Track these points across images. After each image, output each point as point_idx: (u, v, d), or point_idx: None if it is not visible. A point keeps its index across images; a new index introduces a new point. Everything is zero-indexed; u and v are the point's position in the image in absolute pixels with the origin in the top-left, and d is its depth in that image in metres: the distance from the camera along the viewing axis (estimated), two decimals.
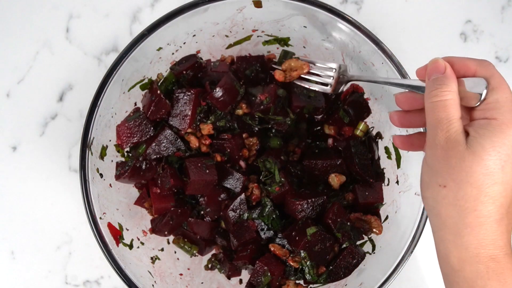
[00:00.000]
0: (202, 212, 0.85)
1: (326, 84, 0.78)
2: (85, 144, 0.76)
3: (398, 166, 0.83)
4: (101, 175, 0.80)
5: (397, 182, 0.84)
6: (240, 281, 0.90)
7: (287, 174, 0.83)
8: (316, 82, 0.78)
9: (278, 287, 0.82)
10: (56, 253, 0.96)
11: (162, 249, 0.87)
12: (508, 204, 0.54)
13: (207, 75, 0.84)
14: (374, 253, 0.83)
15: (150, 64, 0.83)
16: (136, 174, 0.80)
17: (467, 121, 0.57)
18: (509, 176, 0.53)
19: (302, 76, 0.79)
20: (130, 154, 0.84)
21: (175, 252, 0.89)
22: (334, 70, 0.77)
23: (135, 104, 0.85)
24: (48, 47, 0.98)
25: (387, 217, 0.84)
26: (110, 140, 0.82)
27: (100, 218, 0.77)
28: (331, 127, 0.86)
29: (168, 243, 0.88)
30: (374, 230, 0.82)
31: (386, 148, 0.86)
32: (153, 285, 0.80)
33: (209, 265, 0.89)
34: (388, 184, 0.85)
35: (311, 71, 0.79)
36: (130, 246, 0.82)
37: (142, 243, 0.85)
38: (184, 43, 0.84)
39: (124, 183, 0.84)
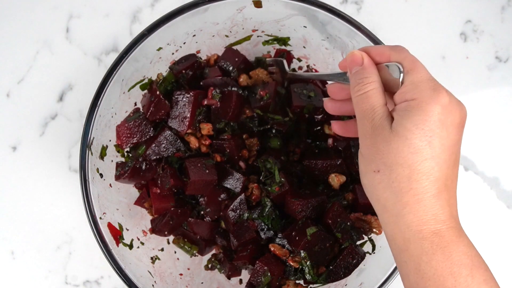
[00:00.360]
0: (202, 212, 0.85)
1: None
2: (85, 144, 0.76)
3: None
4: (101, 175, 0.80)
5: None
6: (240, 281, 0.90)
7: (287, 174, 0.83)
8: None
9: (278, 287, 0.82)
10: (56, 253, 0.96)
11: (162, 249, 0.87)
12: (445, 177, 0.55)
13: (206, 78, 0.85)
14: (374, 253, 0.83)
15: (150, 64, 0.83)
16: (136, 175, 0.80)
17: (393, 106, 0.59)
18: (439, 150, 0.54)
19: None
20: (130, 155, 0.84)
21: (175, 252, 0.89)
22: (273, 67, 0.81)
23: (135, 104, 0.85)
24: (48, 47, 0.98)
25: None
26: (110, 140, 0.82)
27: (100, 218, 0.77)
28: (331, 127, 0.86)
29: (168, 243, 0.88)
30: (374, 230, 0.82)
31: None
32: (153, 285, 0.80)
33: (209, 265, 0.89)
34: None
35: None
36: (130, 246, 0.82)
37: (142, 243, 0.85)
38: (184, 43, 0.84)
39: (124, 183, 0.84)
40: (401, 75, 0.58)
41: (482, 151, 0.99)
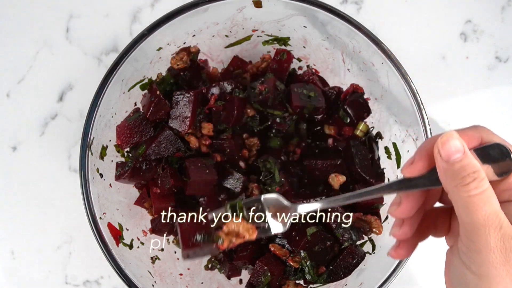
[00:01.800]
0: None
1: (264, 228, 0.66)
2: (85, 144, 0.76)
3: (398, 166, 0.83)
4: (101, 175, 0.80)
5: None
6: (240, 281, 0.90)
7: (287, 174, 0.83)
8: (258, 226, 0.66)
9: (278, 287, 0.82)
10: (56, 253, 0.96)
11: (162, 249, 0.87)
12: None
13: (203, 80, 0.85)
14: (374, 253, 0.83)
15: (150, 64, 0.83)
16: (136, 175, 0.81)
17: None
18: None
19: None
20: (130, 155, 0.84)
21: (175, 252, 0.89)
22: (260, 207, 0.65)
23: (135, 104, 0.85)
24: (48, 47, 0.98)
25: (387, 217, 0.84)
26: (110, 140, 0.82)
27: (100, 218, 0.77)
28: (331, 127, 0.86)
29: (168, 243, 0.88)
30: (374, 230, 0.82)
31: (386, 148, 0.86)
32: (153, 285, 0.80)
33: (209, 265, 0.89)
34: None
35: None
36: (130, 246, 0.82)
37: (142, 243, 0.85)
38: (184, 43, 0.84)
39: (124, 183, 0.84)
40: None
41: None
